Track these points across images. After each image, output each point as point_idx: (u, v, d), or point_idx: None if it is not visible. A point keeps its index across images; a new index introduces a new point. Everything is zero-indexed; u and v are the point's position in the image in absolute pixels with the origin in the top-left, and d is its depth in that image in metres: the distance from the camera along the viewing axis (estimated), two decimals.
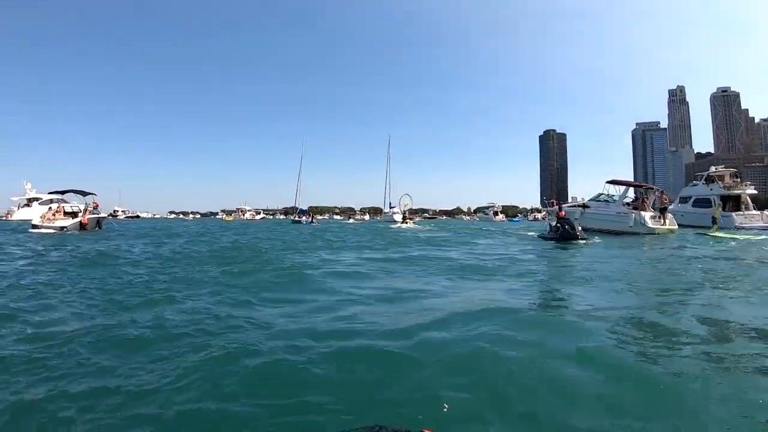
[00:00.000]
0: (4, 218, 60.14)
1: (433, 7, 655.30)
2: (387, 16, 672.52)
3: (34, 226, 25.56)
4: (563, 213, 19.42)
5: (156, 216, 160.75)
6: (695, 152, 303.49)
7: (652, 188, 25.78)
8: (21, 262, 9.58)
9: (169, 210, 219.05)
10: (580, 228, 17.62)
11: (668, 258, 11.42)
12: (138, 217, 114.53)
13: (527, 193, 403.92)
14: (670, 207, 26.74)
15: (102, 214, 31.16)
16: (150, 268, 8.46)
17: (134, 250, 12.89)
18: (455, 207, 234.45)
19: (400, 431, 0.79)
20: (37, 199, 51.61)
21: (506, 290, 6.25)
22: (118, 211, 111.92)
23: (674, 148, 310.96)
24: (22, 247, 14.00)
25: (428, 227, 39.94)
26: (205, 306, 5.07)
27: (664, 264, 10.17)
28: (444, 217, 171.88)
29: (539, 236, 20.33)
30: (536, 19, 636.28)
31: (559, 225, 17.98)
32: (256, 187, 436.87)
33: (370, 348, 3.47)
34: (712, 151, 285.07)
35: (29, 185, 56.57)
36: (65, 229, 25.27)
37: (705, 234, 20.86)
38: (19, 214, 51.55)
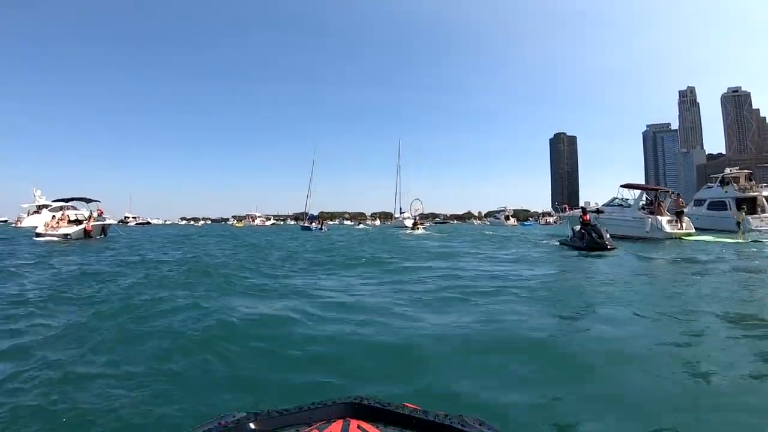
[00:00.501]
0: (14, 225, 61.32)
1: (441, 11, 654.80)
2: (395, 20, 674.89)
3: (38, 234, 25.53)
4: (588, 217, 18.18)
5: (167, 222, 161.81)
6: (706, 153, 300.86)
7: (668, 191, 25.43)
8: None
9: (181, 216, 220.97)
10: (608, 235, 16.35)
11: (715, 274, 9.53)
12: (149, 223, 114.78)
13: (538, 197, 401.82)
14: (685, 210, 26.38)
15: (108, 221, 31.02)
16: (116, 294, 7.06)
17: (121, 263, 12.34)
18: (466, 211, 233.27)
19: (382, 403, 0.85)
20: (46, 206, 51.71)
21: (534, 338, 4.42)
22: (129, 217, 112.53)
23: (685, 150, 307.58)
24: (12, 256, 14.17)
25: (439, 234, 39.56)
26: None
27: (721, 284, 8.11)
28: (455, 222, 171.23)
29: (561, 243, 19.16)
30: (545, 21, 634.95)
31: (584, 231, 16.71)
32: (267, 193, 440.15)
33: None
34: (724, 152, 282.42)
35: (39, 192, 57.18)
36: (69, 237, 25.14)
37: (732, 239, 19.96)
38: (28, 221, 51.84)
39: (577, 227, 17.99)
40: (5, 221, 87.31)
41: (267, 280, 8.87)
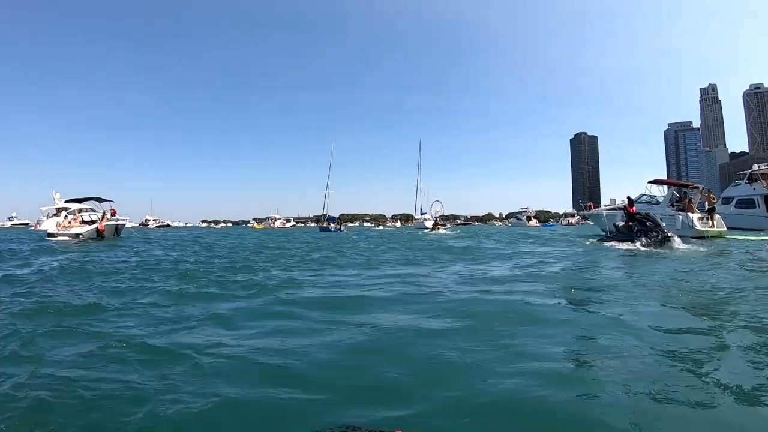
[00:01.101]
0: (32, 228, 63.89)
1: (460, 11, 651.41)
2: (414, 21, 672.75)
3: (50, 235, 26.16)
4: (634, 208, 16.55)
5: (188, 225, 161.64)
6: (729, 152, 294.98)
7: (698, 187, 24.68)
8: None
9: (202, 219, 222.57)
10: (663, 224, 15.02)
11: None
12: (168, 226, 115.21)
13: (558, 198, 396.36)
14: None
15: (122, 222, 30.76)
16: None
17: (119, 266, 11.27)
18: (487, 213, 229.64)
19: (373, 431, 0.82)
20: (65, 209, 52.56)
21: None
22: (149, 220, 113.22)
23: (708, 148, 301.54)
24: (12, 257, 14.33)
25: (465, 235, 38.83)
26: None
27: None
28: (476, 223, 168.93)
29: (601, 240, 17.33)
30: (563, 21, 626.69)
31: (632, 224, 15.25)
32: (287, 195, 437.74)
33: None
34: (747, 150, 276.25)
35: (58, 195, 57.97)
36: (81, 237, 25.52)
37: None
38: (47, 224, 52.82)
39: (620, 223, 16.99)
40: (26, 224, 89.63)
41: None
